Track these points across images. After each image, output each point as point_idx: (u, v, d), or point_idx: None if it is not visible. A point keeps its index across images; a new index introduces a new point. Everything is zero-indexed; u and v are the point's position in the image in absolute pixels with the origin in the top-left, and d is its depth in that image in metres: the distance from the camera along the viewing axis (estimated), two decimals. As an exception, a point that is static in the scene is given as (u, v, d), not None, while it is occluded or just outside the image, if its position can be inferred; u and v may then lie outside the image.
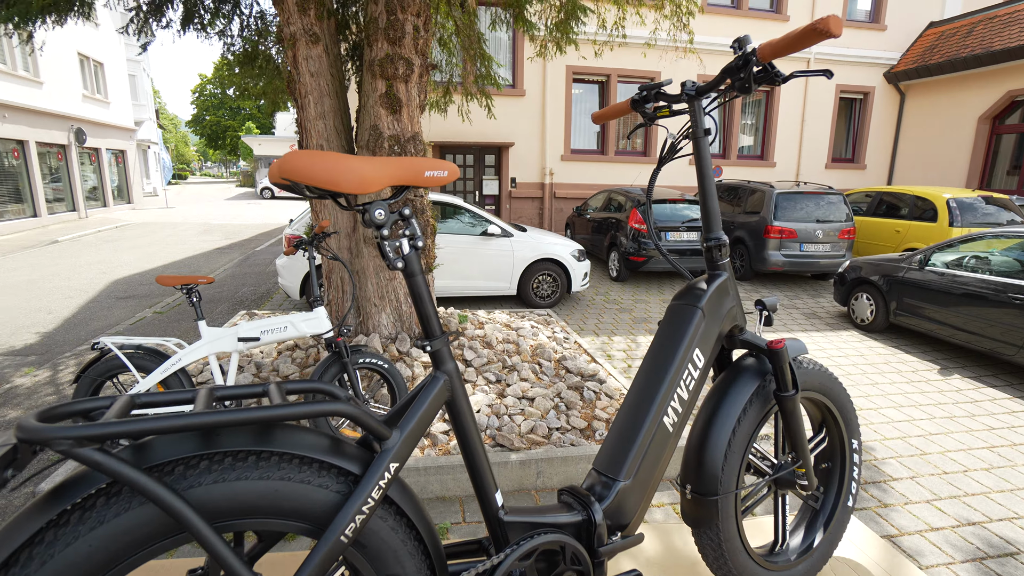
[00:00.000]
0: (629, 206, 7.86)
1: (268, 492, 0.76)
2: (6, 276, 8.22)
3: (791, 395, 1.23)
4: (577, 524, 1.05)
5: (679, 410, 1.14)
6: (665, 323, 1.22)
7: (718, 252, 1.25)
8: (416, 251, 0.90)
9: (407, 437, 0.88)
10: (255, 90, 5.85)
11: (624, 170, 11.66)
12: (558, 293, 6.48)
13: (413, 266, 0.91)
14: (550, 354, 4.13)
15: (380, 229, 0.86)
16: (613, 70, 11.13)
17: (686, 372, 1.15)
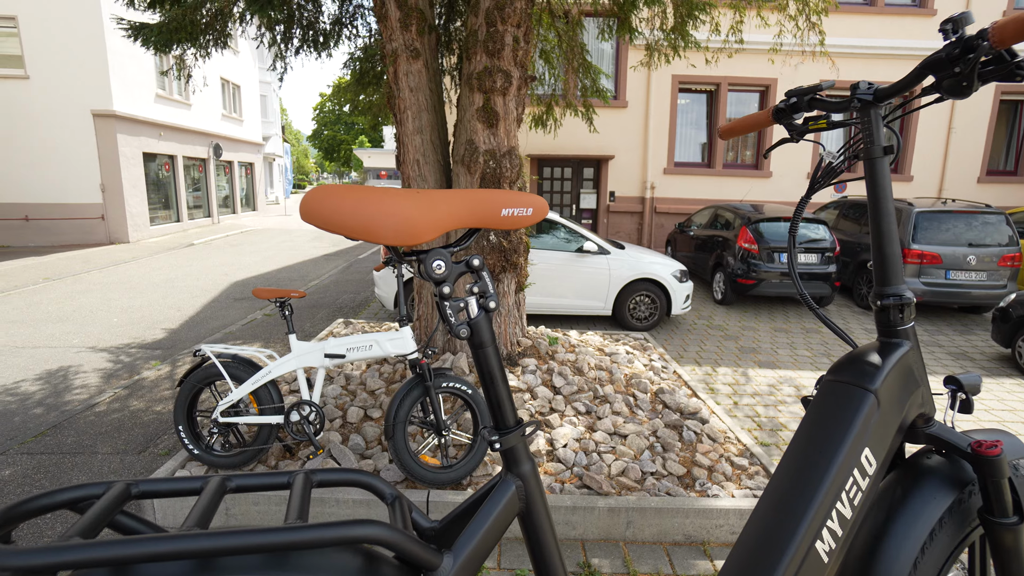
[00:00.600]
0: (738, 223, 7.24)
1: None
2: (151, 274, 9.23)
3: (1012, 524, 0.85)
4: None
5: (838, 533, 0.82)
6: (819, 407, 0.89)
7: (898, 314, 0.91)
8: (487, 313, 0.71)
9: (464, 564, 0.66)
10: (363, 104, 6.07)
11: (733, 185, 10.89)
12: (656, 316, 6.07)
13: (483, 334, 0.71)
14: (646, 385, 3.79)
15: (440, 285, 0.68)
16: (723, 78, 10.46)
17: (850, 480, 0.82)
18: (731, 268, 7.10)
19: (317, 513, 2.58)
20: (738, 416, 3.94)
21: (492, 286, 0.71)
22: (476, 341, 0.71)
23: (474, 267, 0.71)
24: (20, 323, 6.19)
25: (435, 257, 0.67)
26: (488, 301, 0.71)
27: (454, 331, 0.68)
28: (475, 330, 0.70)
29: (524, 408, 3.32)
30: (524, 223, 0.72)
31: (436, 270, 0.67)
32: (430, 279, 0.66)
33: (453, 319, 0.68)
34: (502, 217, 0.70)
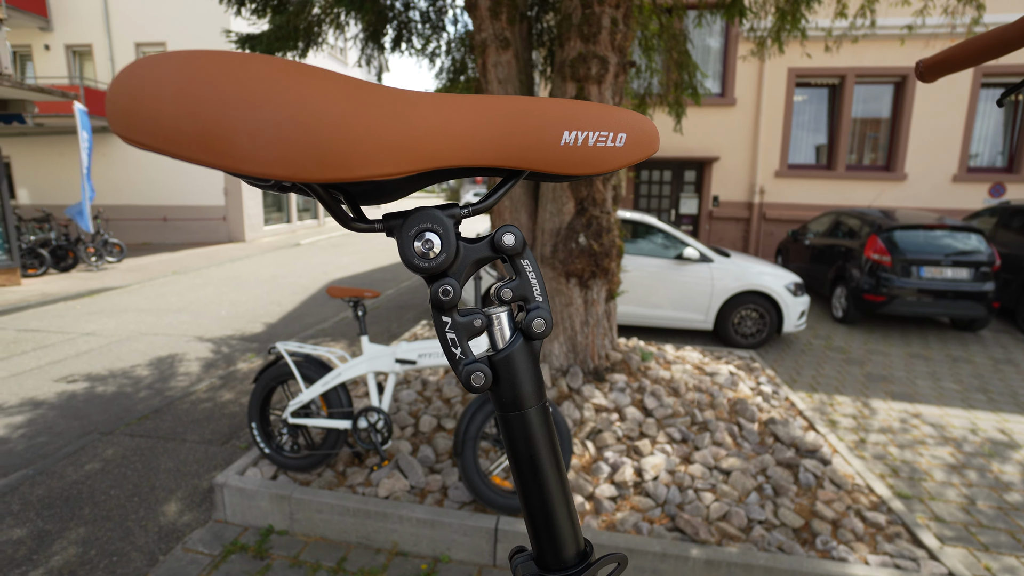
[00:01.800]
0: (866, 232, 6.34)
1: None
2: (260, 271, 9.88)
3: None
4: None
5: None
6: None
7: None
8: (529, 341, 0.40)
9: None
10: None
11: (857, 189, 9.70)
12: (765, 333, 5.42)
13: (518, 384, 0.39)
14: (753, 413, 3.29)
15: (436, 281, 0.38)
16: (849, 69, 9.35)
17: None
18: (856, 282, 6.22)
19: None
20: (866, 457, 3.31)
21: (541, 288, 0.41)
22: (505, 396, 0.39)
23: (506, 248, 0.39)
24: (148, 311, 6.78)
25: (421, 221, 0.37)
26: (533, 319, 0.39)
27: (461, 374, 0.38)
28: (503, 373, 0.39)
29: (611, 430, 2.97)
30: (609, 162, 0.38)
31: (424, 249, 0.37)
32: (413, 267, 0.37)
33: (458, 350, 0.38)
34: (561, 147, 0.37)
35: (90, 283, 8.46)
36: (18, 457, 3.20)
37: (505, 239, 0.39)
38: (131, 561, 2.37)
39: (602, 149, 0.38)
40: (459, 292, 0.38)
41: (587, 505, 2.53)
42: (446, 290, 0.38)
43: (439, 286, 0.38)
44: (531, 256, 0.40)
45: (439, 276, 0.38)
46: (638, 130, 0.39)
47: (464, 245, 0.39)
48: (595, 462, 2.78)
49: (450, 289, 0.38)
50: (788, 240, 8.51)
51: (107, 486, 2.91)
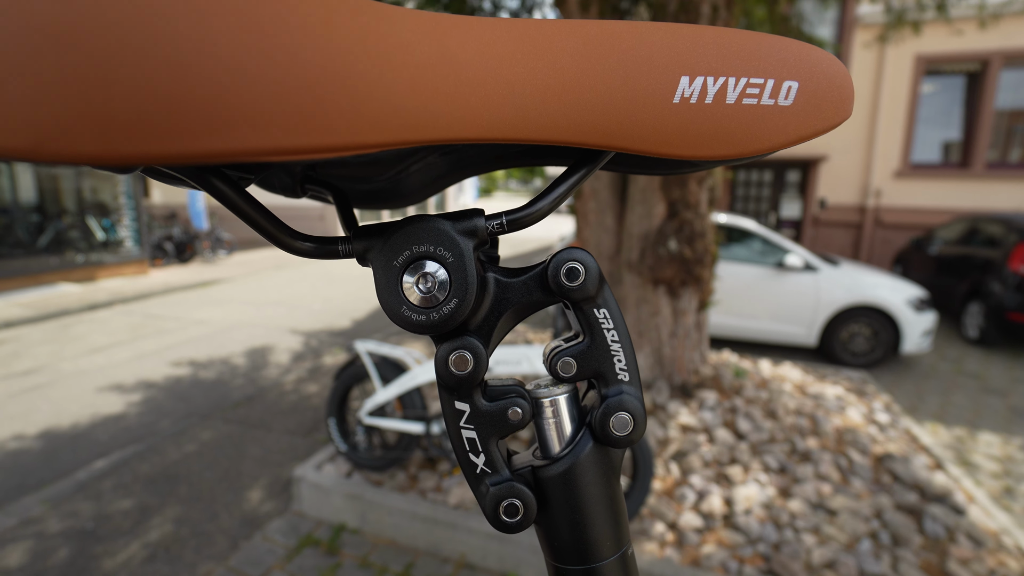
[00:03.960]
0: (1012, 240, 5.48)
1: None
2: (352, 269, 10.36)
3: None
4: None
5: None
6: None
7: None
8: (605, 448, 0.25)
9: None
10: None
11: (999, 191, 8.47)
12: (879, 352, 4.83)
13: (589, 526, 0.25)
14: (866, 445, 2.89)
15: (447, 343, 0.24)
16: (994, 53, 8.19)
17: None
18: (997, 298, 5.39)
19: None
20: (1016, 512, 2.80)
21: (625, 352, 0.25)
22: (562, 541, 0.25)
23: (565, 288, 0.25)
24: (250, 303, 7.29)
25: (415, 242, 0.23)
26: (615, 409, 0.25)
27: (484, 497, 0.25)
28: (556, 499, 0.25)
29: (698, 453, 2.73)
30: (766, 134, 0.21)
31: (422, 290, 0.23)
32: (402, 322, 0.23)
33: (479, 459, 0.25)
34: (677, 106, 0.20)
35: (203, 275, 9.27)
36: (132, 433, 3.50)
37: (564, 271, 0.25)
38: (215, 544, 2.47)
39: (752, 109, 0.21)
40: (485, 362, 0.25)
41: (668, 535, 2.31)
42: (462, 358, 0.24)
43: (450, 350, 0.24)
44: (611, 299, 0.26)
45: (451, 335, 0.25)
46: (819, 76, 0.22)
47: (496, 280, 0.25)
48: (679, 486, 2.55)
49: (468, 357, 0.24)
50: (909, 249, 7.60)
51: (201, 468, 3.09)
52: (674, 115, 0.21)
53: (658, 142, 0.21)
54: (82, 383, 4.33)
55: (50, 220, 8.28)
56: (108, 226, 8.99)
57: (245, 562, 2.33)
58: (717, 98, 0.21)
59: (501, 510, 0.24)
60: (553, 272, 0.25)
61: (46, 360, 4.92)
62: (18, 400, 4.00)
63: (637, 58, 0.20)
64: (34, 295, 7.37)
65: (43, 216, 8.21)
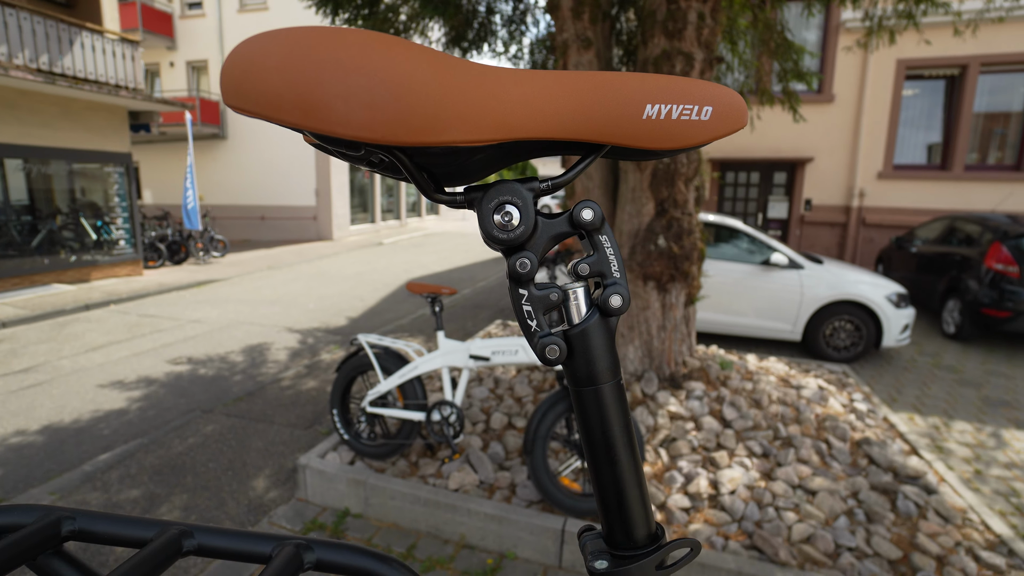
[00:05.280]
0: (988, 239, 5.69)
1: None
2: (345, 268, 10.43)
3: None
4: None
5: None
6: None
7: None
8: (605, 317, 0.39)
9: None
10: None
11: (978, 192, 8.72)
12: (861, 346, 5.00)
13: (593, 361, 0.38)
14: (844, 431, 3.04)
15: (514, 254, 0.38)
16: (972, 58, 8.44)
17: None
18: (973, 295, 5.60)
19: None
20: (984, 492, 2.96)
21: (619, 264, 0.39)
22: (580, 372, 0.38)
23: (584, 223, 0.38)
24: (245, 302, 7.35)
25: (501, 194, 0.37)
26: (610, 296, 0.38)
27: (536, 346, 0.38)
28: (577, 348, 0.38)
29: (686, 439, 2.86)
30: (694, 136, 0.36)
31: (504, 221, 0.37)
32: (492, 239, 0.37)
33: (534, 323, 0.38)
34: (644, 121, 0.36)
35: (198, 275, 9.30)
36: (135, 427, 3.57)
37: (584, 214, 0.39)
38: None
39: (686, 123, 0.37)
40: (536, 265, 0.38)
41: (658, 515, 2.44)
42: (523, 263, 0.38)
43: (517, 259, 0.38)
44: (610, 232, 0.39)
45: (517, 249, 0.38)
46: (725, 103, 0.37)
47: (542, 220, 0.39)
48: (668, 471, 2.69)
49: (527, 262, 0.38)
50: (891, 248, 7.81)
51: (206, 459, 3.17)
52: (644, 125, 0.36)
53: (635, 141, 0.37)
54: (82, 380, 4.39)
55: (43, 221, 8.29)
56: (101, 226, 9.01)
57: (253, 545, 2.42)
58: (667, 116, 0.36)
59: (546, 352, 0.38)
60: (576, 213, 0.38)
61: (44, 358, 4.96)
62: (19, 397, 4.05)
63: (624, 93, 0.36)
64: (27, 295, 7.39)
65: (36, 217, 8.21)
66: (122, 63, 8.69)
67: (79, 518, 0.45)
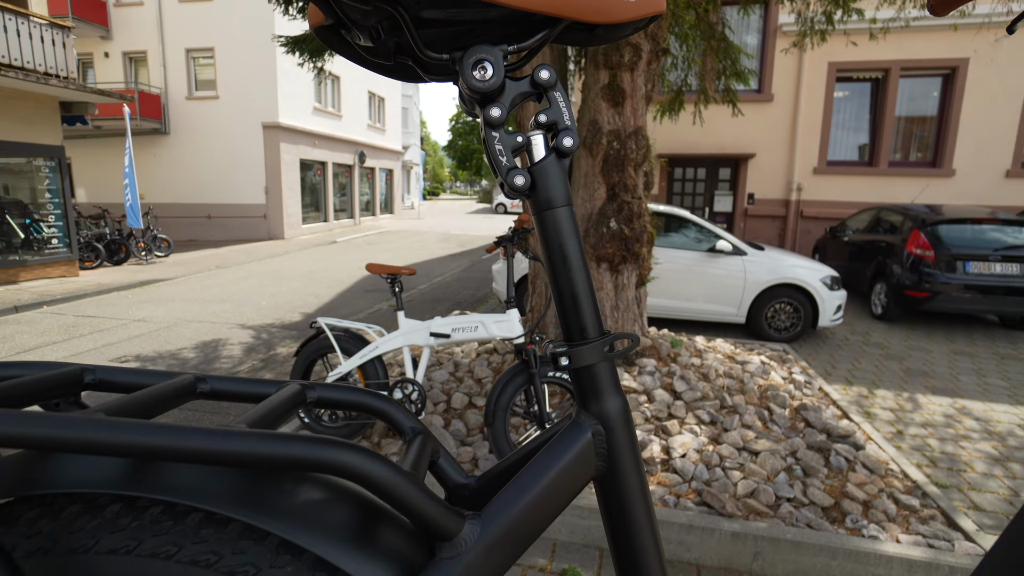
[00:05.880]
0: (908, 227, 6.17)
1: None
2: (298, 266, 10.21)
3: None
4: None
5: None
6: None
7: None
8: (560, 158, 0.47)
9: (496, 539, 0.44)
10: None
11: (901, 186, 9.41)
12: (799, 327, 5.33)
13: (551, 188, 0.47)
14: (784, 399, 3.27)
15: (487, 105, 0.45)
16: (894, 62, 9.09)
17: None
18: (896, 278, 6.05)
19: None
20: (903, 448, 3.25)
21: (569, 115, 0.47)
22: (540, 198, 0.47)
23: (542, 81, 0.46)
24: (193, 301, 7.11)
25: (478, 53, 0.44)
26: (563, 138, 0.47)
27: (506, 177, 0.46)
28: (538, 179, 0.47)
29: (639, 411, 3.01)
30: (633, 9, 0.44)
31: (480, 75, 0.44)
32: (471, 88, 0.44)
33: (504, 159, 0.46)
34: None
35: (140, 275, 8.91)
36: (79, 424, 3.43)
37: (542, 74, 0.47)
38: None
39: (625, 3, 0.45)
40: (505, 113, 0.46)
41: (614, 479, 2.57)
42: (496, 111, 0.46)
43: (490, 108, 0.46)
44: (562, 90, 0.47)
45: (491, 100, 0.46)
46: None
47: (509, 81, 0.47)
48: (623, 440, 2.82)
49: (499, 111, 0.46)
50: (826, 237, 8.32)
51: (160, 451, 3.09)
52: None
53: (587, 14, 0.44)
54: (18, 380, 4.17)
55: (-35, 218, 7.75)
56: (30, 224, 8.49)
57: (214, 528, 2.40)
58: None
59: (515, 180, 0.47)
60: (535, 74, 0.47)
61: (-26, 360, 4.67)
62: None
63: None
64: (-50, 297, 6.90)
65: (-43, 214, 7.67)
66: (51, 49, 8.23)
67: (99, 371, 0.51)
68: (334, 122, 17.52)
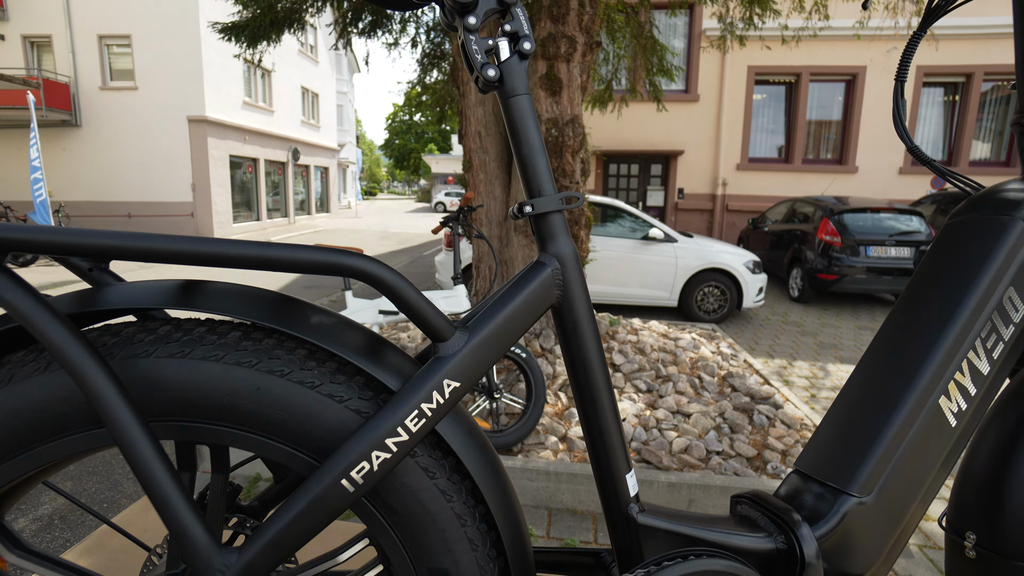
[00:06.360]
0: (819, 216, 6.75)
1: (245, 388, 0.51)
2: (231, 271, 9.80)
3: None
4: (766, 554, 0.62)
5: (971, 392, 0.64)
6: (942, 245, 0.72)
7: None
8: (522, 60, 0.59)
9: (480, 345, 0.55)
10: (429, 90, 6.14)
11: (812, 181, 10.23)
12: (726, 308, 5.73)
13: (515, 80, 0.59)
14: (713, 369, 3.54)
15: (465, 14, 0.56)
16: (804, 68, 9.87)
17: (987, 326, 0.64)
18: (810, 263, 6.61)
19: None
20: (816, 408, 3.60)
21: (527, 26, 0.59)
22: (507, 89, 0.59)
23: (508, 0, 0.58)
24: (115, 300, 6.70)
25: None
26: (523, 43, 0.59)
27: (481, 71, 0.57)
28: (505, 74, 0.59)
29: (581, 382, 3.18)
30: None
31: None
32: (452, 3, 0.55)
33: (480, 56, 0.57)
34: None
35: (53, 277, 8.29)
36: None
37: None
38: (122, 507, 2.45)
39: None
40: (479, 22, 0.57)
41: (560, 445, 2.72)
42: (472, 19, 0.57)
43: (468, 17, 0.56)
44: (522, 7, 0.59)
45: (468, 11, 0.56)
46: None
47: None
48: (567, 409, 2.98)
49: (474, 19, 0.57)
50: (749, 228, 8.92)
51: (92, 445, 2.96)
52: None
53: None
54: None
55: None
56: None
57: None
58: None
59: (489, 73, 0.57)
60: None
61: None
62: None
63: None
64: None
65: None
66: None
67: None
68: (266, 117, 16.88)
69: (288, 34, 5.12)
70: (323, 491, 0.50)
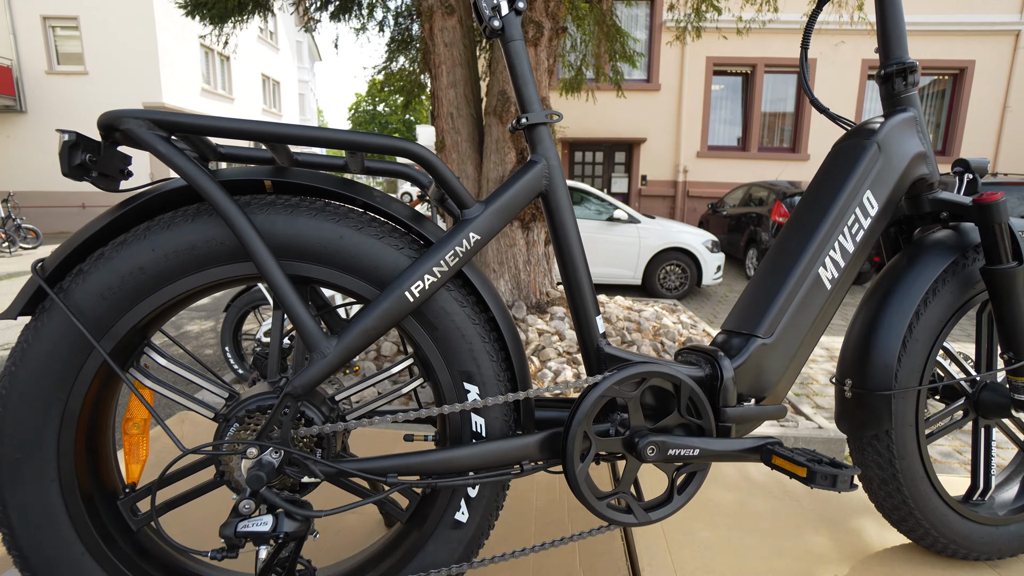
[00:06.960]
0: (772, 199, 7.14)
1: (332, 238, 0.73)
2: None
3: (1011, 268, 0.89)
4: (699, 379, 0.84)
5: (840, 263, 0.90)
6: (826, 164, 0.97)
7: (901, 82, 0.96)
8: (518, 16, 0.77)
9: (493, 211, 0.78)
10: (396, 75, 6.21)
11: (768, 168, 10.71)
12: (687, 286, 6.04)
13: (512, 30, 0.78)
14: (675, 335, 3.80)
15: None
16: (760, 59, 10.30)
17: (852, 217, 0.90)
18: (764, 244, 7.00)
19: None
20: (768, 368, 3.91)
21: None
22: (507, 36, 0.78)
23: None
24: (78, 288, 6.57)
25: None
26: (517, 2, 0.77)
27: (488, 22, 0.75)
28: (505, 24, 0.77)
29: (552, 347, 3.39)
30: None
31: None
32: None
33: (488, 12, 0.75)
34: None
35: (4, 268, 8.02)
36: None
37: None
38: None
39: None
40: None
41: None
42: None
43: None
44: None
45: None
46: None
47: None
48: (540, 371, 3.18)
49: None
50: (709, 213, 9.31)
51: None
52: None
53: None
54: None
55: None
56: None
57: (153, 473, 2.44)
58: None
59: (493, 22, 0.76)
60: None
61: None
62: None
63: None
64: None
65: None
66: None
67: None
68: (226, 105, 16.48)
69: (257, 16, 5.13)
70: (395, 300, 0.72)
